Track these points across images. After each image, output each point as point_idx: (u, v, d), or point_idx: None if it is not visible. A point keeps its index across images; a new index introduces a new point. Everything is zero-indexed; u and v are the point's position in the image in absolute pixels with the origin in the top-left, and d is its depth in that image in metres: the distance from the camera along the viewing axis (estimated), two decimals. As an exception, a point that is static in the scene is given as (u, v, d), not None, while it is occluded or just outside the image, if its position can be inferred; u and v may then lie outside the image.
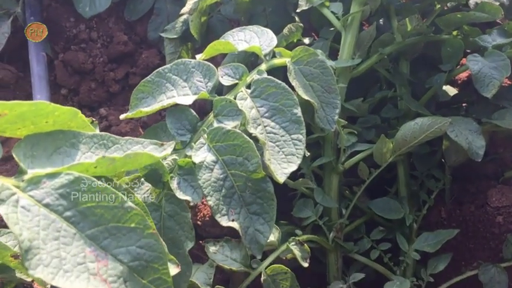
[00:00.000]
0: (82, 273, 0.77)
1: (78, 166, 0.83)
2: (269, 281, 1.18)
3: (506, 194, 1.55)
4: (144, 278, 0.81)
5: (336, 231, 1.43)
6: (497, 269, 1.47)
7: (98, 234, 0.80)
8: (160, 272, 0.82)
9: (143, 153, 0.90)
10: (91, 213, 0.80)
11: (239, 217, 1.07)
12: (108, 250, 0.80)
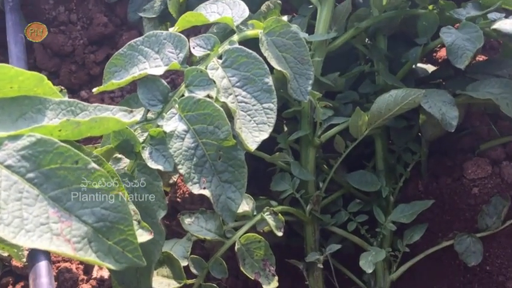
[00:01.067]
0: (44, 233, 0.77)
1: (41, 129, 0.83)
2: (243, 250, 1.19)
3: (482, 166, 1.56)
4: (109, 239, 0.82)
5: (313, 204, 1.44)
6: (472, 238, 1.49)
7: (61, 195, 0.80)
8: (125, 233, 0.83)
9: (110, 117, 0.90)
10: (54, 175, 0.80)
11: (210, 185, 1.08)
12: (72, 211, 0.80)
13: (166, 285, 1.16)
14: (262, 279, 1.17)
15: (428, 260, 1.56)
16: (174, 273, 1.18)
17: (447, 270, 1.55)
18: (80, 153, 0.81)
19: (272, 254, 1.19)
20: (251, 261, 1.19)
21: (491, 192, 1.53)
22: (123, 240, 0.82)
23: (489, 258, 1.50)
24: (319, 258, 1.41)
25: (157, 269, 1.20)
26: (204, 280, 1.21)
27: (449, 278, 1.55)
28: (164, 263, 1.20)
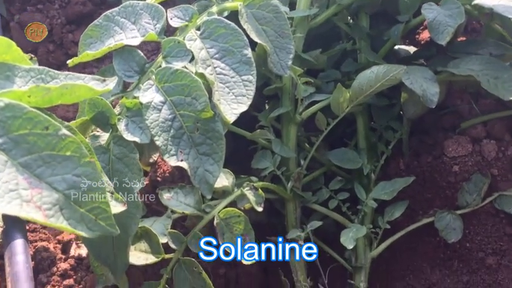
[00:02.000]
0: (14, 200, 0.75)
1: (10, 94, 0.80)
2: (222, 225, 1.18)
3: (462, 144, 1.57)
4: (81, 206, 0.80)
5: (294, 181, 1.43)
6: (453, 215, 1.49)
7: (31, 162, 0.78)
8: (98, 201, 0.81)
9: (82, 85, 0.87)
10: (23, 141, 0.78)
11: (188, 157, 1.06)
12: (42, 178, 0.78)
13: (143, 259, 1.15)
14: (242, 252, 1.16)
15: (408, 237, 1.57)
16: (152, 247, 1.16)
17: (427, 247, 1.56)
18: (50, 119, 0.79)
19: (251, 229, 1.18)
20: (230, 235, 1.17)
21: (471, 169, 1.54)
22: (96, 208, 0.80)
23: (469, 235, 1.51)
24: (300, 235, 1.40)
25: (135, 244, 1.18)
26: (182, 255, 1.19)
27: (429, 255, 1.55)
28: (142, 238, 1.18)
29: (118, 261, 1.12)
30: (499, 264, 1.48)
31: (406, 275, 1.56)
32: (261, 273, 1.58)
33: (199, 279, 1.16)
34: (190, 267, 1.16)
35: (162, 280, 1.18)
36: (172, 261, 1.18)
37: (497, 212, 1.50)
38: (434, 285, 1.53)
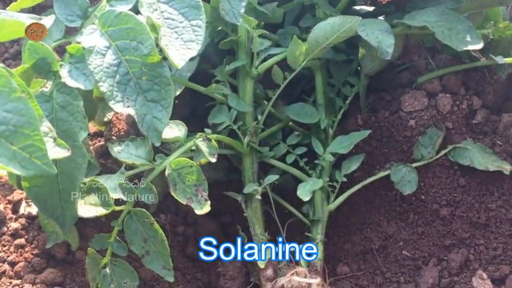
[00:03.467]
0: None
1: None
2: (174, 175, 1.16)
3: (419, 98, 1.58)
4: (14, 144, 0.76)
5: (250, 135, 1.41)
6: (408, 168, 1.51)
7: (-44, 96, 0.73)
8: (32, 138, 0.77)
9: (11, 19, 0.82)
10: None
11: (135, 104, 1.03)
12: (-31, 113, 0.74)
13: (93, 212, 1.12)
14: (195, 204, 1.14)
15: (365, 192, 1.58)
16: (102, 200, 1.13)
17: (384, 201, 1.58)
18: (-24, 52, 0.74)
19: (205, 180, 1.16)
20: (183, 186, 1.15)
21: (427, 123, 1.55)
22: (30, 146, 0.77)
23: (424, 188, 1.53)
24: (257, 190, 1.39)
25: (84, 197, 1.15)
26: (133, 206, 1.16)
27: (385, 208, 1.58)
28: (91, 191, 1.15)
29: (66, 214, 1.09)
30: (452, 215, 1.51)
31: (363, 229, 1.58)
32: (219, 230, 1.58)
33: (151, 230, 1.14)
34: (141, 219, 1.14)
35: (113, 233, 1.16)
36: (123, 213, 1.16)
37: (451, 164, 1.52)
38: (390, 238, 1.55)
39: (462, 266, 1.46)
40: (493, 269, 1.44)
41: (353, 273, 1.53)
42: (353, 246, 1.57)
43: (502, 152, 1.50)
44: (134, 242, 1.14)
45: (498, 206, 1.48)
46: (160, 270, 1.15)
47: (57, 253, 1.34)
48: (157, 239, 1.13)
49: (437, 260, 1.49)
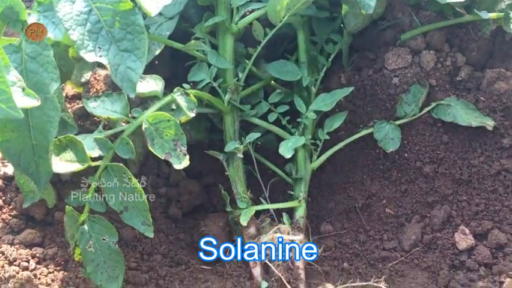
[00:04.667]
0: None
1: None
2: (151, 130, 1.13)
3: (402, 55, 1.56)
4: (-24, 86, 0.73)
5: (231, 93, 1.39)
6: (391, 126, 1.50)
7: None
8: (-5, 81, 0.74)
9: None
10: None
11: (108, 54, 0.99)
12: None
13: (69, 168, 1.09)
14: (173, 159, 1.12)
15: (349, 151, 1.57)
16: (78, 156, 1.11)
17: (367, 160, 1.57)
18: None
19: (183, 134, 1.14)
20: (161, 141, 1.13)
21: (410, 81, 1.53)
22: (-7, 89, 0.74)
23: (407, 146, 1.52)
24: (238, 148, 1.38)
25: (60, 154, 1.12)
26: (110, 161, 1.14)
27: (369, 167, 1.57)
28: (67, 148, 1.12)
29: (41, 169, 1.07)
30: (435, 172, 1.51)
31: (347, 187, 1.58)
32: (201, 191, 1.56)
33: (129, 186, 1.11)
34: (118, 174, 1.12)
35: (90, 189, 1.13)
36: (99, 169, 1.13)
37: (434, 121, 1.51)
38: (374, 196, 1.55)
39: (444, 222, 1.47)
40: (475, 224, 1.44)
41: (337, 231, 1.53)
42: (337, 205, 1.57)
43: (485, 108, 1.49)
44: (112, 198, 1.12)
45: (481, 162, 1.48)
46: (139, 226, 1.13)
47: (36, 214, 1.32)
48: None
49: (420, 217, 1.50)
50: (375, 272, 1.42)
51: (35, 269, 1.24)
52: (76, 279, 1.25)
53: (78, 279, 1.25)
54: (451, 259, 1.41)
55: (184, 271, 1.42)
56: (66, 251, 1.27)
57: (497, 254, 1.39)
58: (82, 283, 1.24)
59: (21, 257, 1.24)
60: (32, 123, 1.02)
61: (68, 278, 1.25)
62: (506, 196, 1.44)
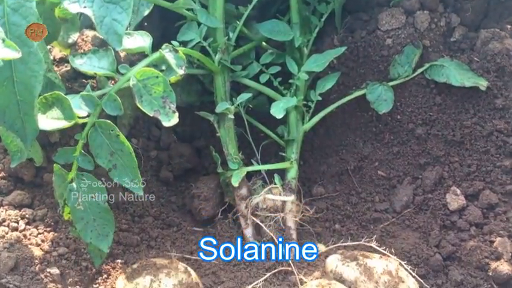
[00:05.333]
0: None
1: None
2: (139, 86, 1.11)
3: (396, 16, 1.53)
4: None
5: (222, 53, 1.36)
6: (384, 87, 1.48)
7: None
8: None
9: None
10: None
11: (92, 5, 0.97)
12: None
13: (56, 125, 1.07)
14: (162, 116, 1.10)
15: (341, 113, 1.56)
16: (64, 113, 1.09)
17: (360, 122, 1.56)
18: None
19: (172, 91, 1.11)
20: (149, 98, 1.11)
21: (404, 42, 1.51)
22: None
23: (400, 107, 1.51)
24: (229, 108, 1.36)
25: (47, 112, 1.10)
26: (98, 118, 1.12)
27: (361, 130, 1.56)
28: (53, 105, 1.10)
29: (27, 126, 1.05)
30: (428, 134, 1.50)
31: (339, 150, 1.57)
32: (193, 153, 1.55)
33: (117, 143, 1.10)
34: (106, 131, 1.10)
35: (78, 146, 1.12)
36: (87, 126, 1.11)
37: (427, 82, 1.50)
38: (366, 158, 1.55)
39: (436, 184, 1.47)
40: (466, 185, 1.44)
41: (329, 193, 1.53)
42: (329, 167, 1.57)
43: (478, 68, 1.48)
44: (101, 155, 1.10)
45: (473, 123, 1.47)
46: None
47: (25, 175, 1.30)
48: (123, 151, 1.10)
49: (412, 179, 1.50)
50: (366, 233, 1.42)
51: (24, 230, 1.23)
52: (66, 240, 1.24)
53: (68, 240, 1.24)
54: (442, 220, 1.41)
55: (176, 233, 1.42)
56: (56, 212, 1.27)
57: (488, 214, 1.40)
58: (73, 243, 1.24)
59: (10, 218, 1.23)
60: (16, 78, 1.00)
61: (59, 239, 1.24)
62: (498, 157, 1.44)
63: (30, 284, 1.14)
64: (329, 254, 1.30)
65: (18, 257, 1.16)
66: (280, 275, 1.29)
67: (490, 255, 1.32)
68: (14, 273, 1.15)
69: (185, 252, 1.36)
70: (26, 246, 1.19)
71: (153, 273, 1.22)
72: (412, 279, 1.27)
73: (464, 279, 1.32)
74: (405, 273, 1.26)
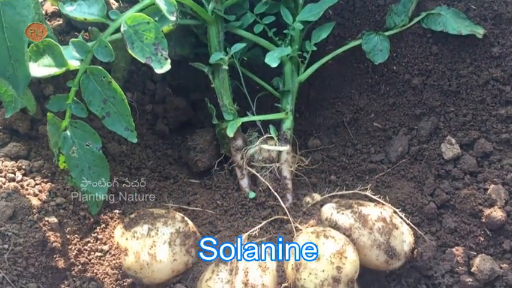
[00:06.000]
0: None
1: None
2: (130, 32, 1.10)
3: (393, -36, 1.50)
4: None
5: (215, 2, 1.34)
6: (380, 37, 1.47)
7: None
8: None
9: None
10: None
11: None
12: None
13: (47, 71, 1.07)
14: (154, 63, 1.09)
15: (337, 65, 1.55)
16: (56, 60, 1.08)
17: (355, 74, 1.55)
18: None
19: (164, 38, 1.10)
20: (141, 44, 1.09)
21: (401, -10, 1.49)
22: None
23: (396, 58, 1.50)
24: (223, 59, 1.35)
25: (38, 59, 1.09)
26: (89, 64, 1.11)
27: (357, 81, 1.55)
28: (45, 53, 1.09)
29: (19, 73, 1.04)
30: (424, 84, 1.49)
31: (335, 102, 1.57)
32: (188, 106, 1.54)
33: (109, 90, 1.09)
34: (98, 78, 1.09)
35: (70, 93, 1.11)
36: (79, 73, 1.10)
37: (424, 32, 1.48)
38: (362, 110, 1.54)
39: (431, 134, 1.47)
40: (461, 134, 1.44)
41: (324, 145, 1.54)
42: (325, 120, 1.57)
43: (475, 16, 1.46)
44: (93, 102, 1.10)
45: (470, 72, 1.46)
46: (122, 132, 1.12)
47: (20, 128, 1.31)
48: (116, 98, 1.09)
49: (407, 130, 1.50)
50: (362, 184, 1.42)
51: (21, 181, 1.24)
52: (63, 190, 1.26)
53: (66, 190, 1.26)
54: (436, 169, 1.42)
55: (173, 185, 1.43)
56: (52, 164, 1.27)
57: (482, 163, 1.41)
58: (70, 194, 1.25)
59: (6, 169, 1.24)
60: (5, 23, 0.99)
61: (56, 189, 1.26)
62: (494, 106, 1.44)
63: (29, 232, 1.16)
64: (324, 203, 1.31)
65: (16, 206, 1.18)
66: (276, 224, 1.31)
67: (484, 202, 1.33)
68: (13, 221, 1.16)
69: (182, 203, 1.38)
70: (23, 196, 1.21)
71: (151, 222, 1.24)
72: (406, 226, 1.28)
73: (458, 226, 1.34)
74: (399, 221, 1.27)
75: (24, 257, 1.14)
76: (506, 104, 1.42)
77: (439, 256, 1.31)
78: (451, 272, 1.30)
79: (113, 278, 1.21)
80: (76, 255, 1.20)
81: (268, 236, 1.28)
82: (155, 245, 1.21)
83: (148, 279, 1.22)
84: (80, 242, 1.22)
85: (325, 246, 1.16)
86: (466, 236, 1.33)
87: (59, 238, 1.19)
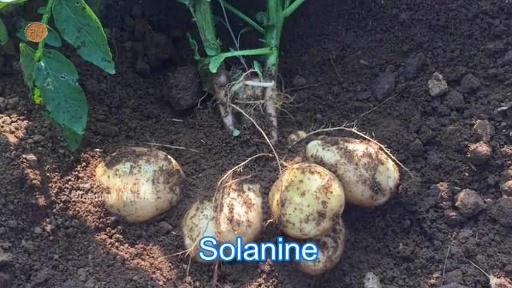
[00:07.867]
0: None
1: None
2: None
3: None
4: None
5: None
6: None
7: None
8: None
9: None
10: None
11: None
12: None
13: (16, -2, 1.00)
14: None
15: (323, 0, 1.50)
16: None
17: (342, 9, 1.50)
18: None
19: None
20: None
21: None
22: None
23: (384, -7, 1.45)
24: (206, -7, 1.28)
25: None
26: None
27: (344, 17, 1.50)
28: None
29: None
30: (412, 19, 1.45)
31: (321, 39, 1.52)
32: (169, 43, 1.49)
33: (84, 17, 1.03)
34: (71, 3, 1.03)
35: (42, 20, 1.05)
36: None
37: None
38: (348, 47, 1.50)
39: (419, 70, 1.44)
40: (449, 70, 1.42)
41: (310, 84, 1.50)
42: (310, 57, 1.53)
43: None
44: (67, 30, 1.04)
45: (458, 5, 1.42)
46: (99, 62, 1.07)
47: (-7, 64, 1.25)
48: (91, 26, 1.04)
49: (394, 66, 1.47)
50: (348, 122, 1.41)
51: (-4, 117, 1.20)
52: (41, 128, 1.21)
53: (44, 128, 1.22)
54: (423, 106, 1.40)
55: (155, 124, 1.40)
56: (28, 101, 1.23)
57: (469, 99, 1.39)
58: (48, 131, 1.21)
59: (-20, 106, 1.19)
60: None
61: (33, 127, 1.21)
62: (482, 40, 1.41)
63: (7, 169, 1.13)
64: (310, 140, 1.29)
65: (-9, 143, 1.14)
66: (261, 161, 1.29)
67: (470, 137, 1.32)
68: (-11, 158, 1.13)
69: (165, 142, 1.35)
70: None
71: (133, 159, 1.21)
72: (391, 162, 1.28)
73: (443, 162, 1.33)
74: (385, 156, 1.26)
75: (2, 194, 1.11)
76: (495, 38, 1.40)
77: (424, 192, 1.32)
78: (435, 207, 1.31)
79: (96, 215, 1.19)
80: (56, 193, 1.17)
81: (253, 174, 1.26)
82: (138, 182, 1.19)
83: (131, 217, 1.20)
84: (61, 180, 1.19)
85: (310, 182, 1.15)
86: (450, 171, 1.33)
87: (38, 176, 1.15)
